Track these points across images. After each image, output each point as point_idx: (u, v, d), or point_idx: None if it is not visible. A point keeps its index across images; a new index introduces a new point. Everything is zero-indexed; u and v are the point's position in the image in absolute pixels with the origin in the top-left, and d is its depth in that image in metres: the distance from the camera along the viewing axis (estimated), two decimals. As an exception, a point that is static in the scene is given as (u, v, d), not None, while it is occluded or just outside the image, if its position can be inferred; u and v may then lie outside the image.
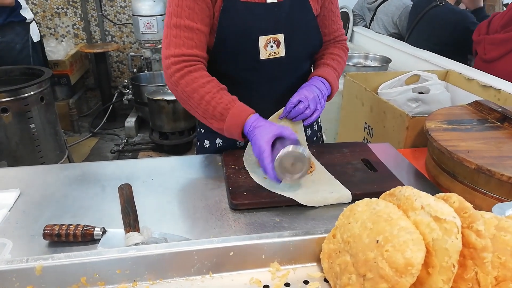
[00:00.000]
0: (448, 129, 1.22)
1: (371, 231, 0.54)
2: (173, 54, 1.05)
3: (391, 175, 1.11)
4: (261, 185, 1.03)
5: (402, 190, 0.58)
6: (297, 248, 0.69)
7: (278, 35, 1.12)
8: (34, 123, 2.40)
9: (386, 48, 2.71)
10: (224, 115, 1.04)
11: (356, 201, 0.65)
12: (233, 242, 0.67)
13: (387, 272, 0.49)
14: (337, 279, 0.60)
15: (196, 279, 0.67)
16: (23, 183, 1.08)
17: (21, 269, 0.63)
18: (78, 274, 0.64)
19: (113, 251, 0.65)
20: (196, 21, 1.05)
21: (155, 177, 1.13)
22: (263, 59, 1.12)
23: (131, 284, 0.65)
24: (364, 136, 1.91)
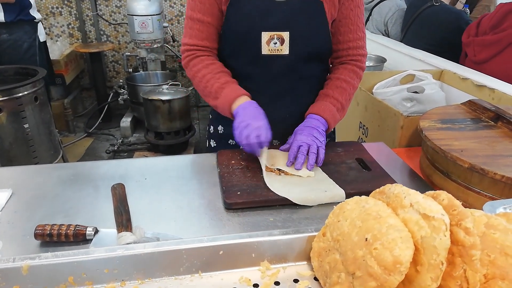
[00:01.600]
0: (442, 128, 1.22)
1: (360, 229, 0.54)
2: (187, 43, 1.18)
3: (385, 174, 1.11)
4: (255, 185, 1.02)
5: (392, 188, 0.58)
6: (287, 247, 0.68)
7: (283, 32, 1.12)
8: (28, 123, 2.39)
9: (381, 48, 2.71)
10: (218, 93, 1.12)
11: (346, 199, 0.65)
12: (223, 241, 0.67)
13: (376, 270, 0.48)
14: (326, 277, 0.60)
15: (185, 278, 0.66)
16: (15, 183, 1.07)
17: (7, 268, 0.62)
18: (65, 274, 0.64)
19: (101, 250, 0.64)
20: (206, 15, 1.13)
21: (148, 177, 1.12)
22: (265, 54, 1.13)
23: (120, 283, 0.65)
24: (359, 135, 1.92)
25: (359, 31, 1.22)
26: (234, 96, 1.11)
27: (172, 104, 3.22)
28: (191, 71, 1.19)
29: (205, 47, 1.17)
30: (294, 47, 1.14)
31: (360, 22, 1.21)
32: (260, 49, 1.13)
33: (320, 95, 1.22)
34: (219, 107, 1.14)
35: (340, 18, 1.18)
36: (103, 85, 4.03)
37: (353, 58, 1.23)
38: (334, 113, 1.18)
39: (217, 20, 1.15)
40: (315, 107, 1.18)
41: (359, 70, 1.24)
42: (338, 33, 1.20)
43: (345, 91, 1.20)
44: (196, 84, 1.19)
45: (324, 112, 1.16)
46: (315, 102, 1.21)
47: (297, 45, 1.14)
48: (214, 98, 1.14)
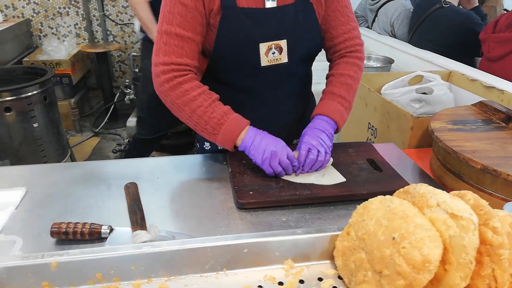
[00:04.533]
0: (453, 129, 1.22)
1: (387, 228, 0.54)
2: (162, 62, 1.02)
3: (397, 175, 1.11)
4: (267, 185, 1.03)
5: (417, 187, 0.59)
6: (310, 246, 0.69)
7: (280, 41, 1.08)
8: (37, 123, 2.41)
9: (389, 49, 2.71)
10: (217, 130, 1.04)
11: (369, 199, 0.66)
12: (247, 239, 0.68)
13: (404, 268, 0.49)
14: (352, 276, 0.61)
15: (211, 276, 0.67)
16: (29, 182, 1.08)
17: (36, 265, 0.63)
18: (93, 270, 0.64)
19: (129, 247, 0.65)
20: (187, 29, 1.02)
21: (160, 176, 1.13)
22: (264, 66, 1.10)
23: (146, 280, 0.66)
24: (367, 136, 1.92)
25: (350, 22, 1.19)
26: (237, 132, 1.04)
27: (179, 104, 3.21)
28: (174, 104, 1.04)
29: (185, 65, 1.04)
30: (292, 53, 1.11)
31: (349, 12, 1.18)
32: (259, 62, 1.09)
33: (326, 94, 1.18)
34: (219, 143, 1.07)
35: (329, 13, 1.15)
36: (110, 85, 4.04)
37: (352, 49, 1.20)
38: (343, 113, 1.16)
39: (198, 36, 1.05)
40: (323, 107, 1.14)
41: (359, 61, 1.21)
42: (331, 28, 1.17)
43: (351, 88, 1.17)
44: (182, 117, 1.07)
45: (333, 113, 1.13)
46: (322, 100, 1.18)
47: (294, 51, 1.11)
48: (212, 135, 1.05)
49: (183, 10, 1.01)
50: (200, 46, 1.07)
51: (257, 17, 1.06)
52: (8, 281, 0.63)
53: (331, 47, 1.22)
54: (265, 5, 1.05)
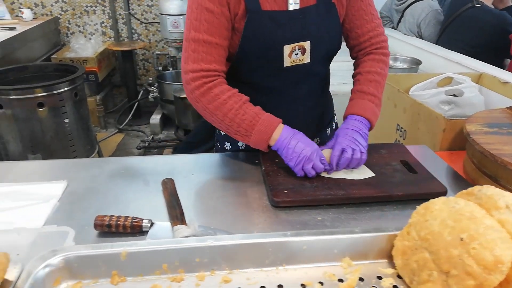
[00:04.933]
0: (489, 132, 1.21)
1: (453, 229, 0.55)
2: (191, 70, 1.04)
3: (432, 177, 1.10)
4: (301, 184, 1.03)
5: (483, 189, 0.59)
6: (368, 244, 0.70)
7: (304, 42, 1.09)
8: (68, 118, 2.46)
9: (415, 50, 2.68)
10: (249, 131, 1.05)
11: (431, 200, 0.66)
12: (306, 236, 0.69)
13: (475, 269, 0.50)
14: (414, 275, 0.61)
15: (271, 271, 0.69)
16: (69, 175, 1.10)
17: (107, 254, 0.66)
18: (159, 261, 0.67)
19: (193, 240, 0.68)
20: (214, 35, 1.04)
21: (194, 173, 1.14)
22: (287, 66, 1.11)
23: (209, 272, 0.68)
24: (396, 138, 1.90)
25: (374, 19, 1.20)
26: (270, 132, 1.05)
27: (203, 102, 3.25)
28: (205, 109, 1.07)
29: (214, 71, 1.05)
30: (314, 54, 1.12)
31: (373, 9, 1.19)
32: (282, 63, 1.10)
33: (356, 93, 1.18)
34: (252, 144, 1.08)
35: (353, 12, 1.16)
36: (134, 82, 4.11)
37: (377, 46, 1.21)
38: (375, 111, 1.16)
39: (225, 40, 1.06)
40: (355, 106, 1.15)
41: (385, 57, 1.22)
42: (356, 27, 1.18)
43: (379, 84, 1.18)
44: (214, 122, 1.09)
45: (365, 111, 1.13)
46: (352, 100, 1.18)
47: (317, 52, 1.12)
48: (245, 136, 1.07)
49: (209, 17, 1.02)
50: (227, 50, 1.09)
51: (282, 20, 1.06)
52: (80, 269, 0.66)
53: (356, 45, 1.23)
54: (288, 8, 1.07)
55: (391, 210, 0.97)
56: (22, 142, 2.41)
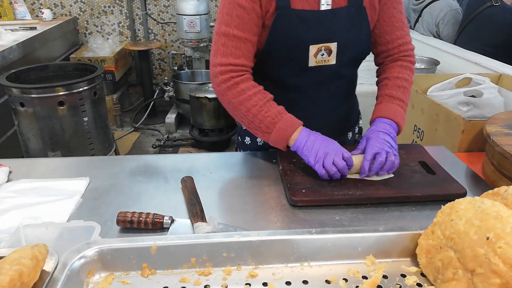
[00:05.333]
0: (509, 134, 1.20)
1: (480, 228, 0.56)
2: (220, 63, 1.07)
3: (451, 178, 1.09)
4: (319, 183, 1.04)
5: (509, 189, 0.60)
6: (392, 243, 0.71)
7: (331, 44, 1.10)
8: (87, 117, 2.51)
9: (433, 50, 2.66)
10: (270, 129, 1.06)
11: (456, 199, 0.67)
12: (331, 234, 0.71)
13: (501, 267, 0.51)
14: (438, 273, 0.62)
15: (296, 267, 0.70)
16: (91, 172, 1.13)
17: (139, 247, 0.68)
18: (188, 255, 0.69)
19: (220, 235, 0.70)
20: (244, 31, 1.05)
21: (213, 171, 1.15)
22: (311, 66, 1.12)
23: (236, 267, 0.70)
24: (413, 138, 1.89)
25: (404, 27, 1.21)
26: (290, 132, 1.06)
27: (218, 102, 3.27)
28: (230, 103, 1.09)
29: (241, 66, 1.08)
30: (341, 56, 1.12)
31: (403, 18, 1.20)
32: (307, 62, 1.11)
33: (384, 97, 1.18)
34: (272, 142, 1.09)
35: (384, 18, 1.17)
36: (150, 82, 4.16)
37: (406, 54, 1.21)
38: (403, 116, 1.16)
39: (254, 36, 1.08)
40: (384, 110, 1.15)
41: (412, 65, 1.23)
42: (385, 33, 1.18)
43: (406, 91, 1.19)
44: (236, 116, 1.12)
45: (395, 115, 1.13)
46: (380, 104, 1.18)
47: (343, 54, 1.12)
48: (265, 133, 1.08)
49: (241, 12, 1.04)
50: (255, 46, 1.10)
51: (310, 19, 1.07)
52: (112, 261, 0.68)
53: (384, 52, 1.22)
54: (320, 8, 1.07)
55: (410, 211, 0.97)
56: (42, 140, 2.47)
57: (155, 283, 0.67)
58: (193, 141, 3.60)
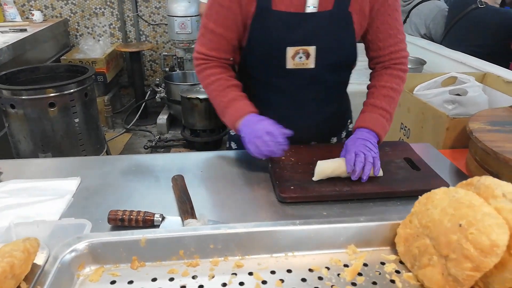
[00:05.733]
0: (492, 130, 1.23)
1: (453, 216, 0.59)
2: (196, 50, 1.19)
3: (435, 174, 1.12)
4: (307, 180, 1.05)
5: (481, 179, 0.63)
6: (372, 233, 0.74)
7: (309, 47, 1.10)
8: (78, 118, 2.51)
9: (419, 50, 2.70)
10: (224, 113, 1.14)
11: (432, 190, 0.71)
12: (314, 225, 0.74)
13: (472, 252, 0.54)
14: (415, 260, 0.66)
15: (281, 257, 0.73)
16: (82, 172, 1.14)
17: (128, 241, 0.71)
18: (176, 247, 0.71)
19: (208, 228, 0.72)
20: (220, 26, 1.11)
21: (203, 170, 1.17)
22: (290, 68, 1.13)
23: (223, 258, 0.72)
24: (400, 136, 1.93)
25: (399, 34, 1.18)
26: (239, 116, 1.10)
27: (209, 103, 3.29)
28: (202, 83, 1.21)
29: (214, 57, 1.16)
30: (320, 60, 1.12)
31: (399, 24, 1.18)
32: (284, 64, 1.12)
33: (368, 106, 1.19)
34: (226, 124, 1.17)
35: (378, 25, 1.15)
36: (141, 83, 4.16)
37: (397, 61, 1.19)
38: (384, 125, 1.16)
39: (231, 33, 1.13)
40: (365, 120, 1.15)
41: (403, 73, 1.20)
42: (378, 40, 1.17)
43: (393, 100, 1.18)
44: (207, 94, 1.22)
45: (375, 126, 1.13)
46: (363, 113, 1.18)
47: (323, 58, 1.12)
48: (222, 116, 1.16)
49: (219, 9, 1.10)
50: (233, 42, 1.15)
51: (290, 21, 1.08)
52: (103, 254, 0.70)
53: (375, 58, 1.22)
54: (305, 10, 1.08)
55: (395, 206, 1.00)
56: (33, 141, 2.46)
57: (144, 274, 0.69)
58: (184, 141, 3.61)
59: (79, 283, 0.67)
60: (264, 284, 0.68)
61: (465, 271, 0.56)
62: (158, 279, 0.68)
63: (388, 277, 0.69)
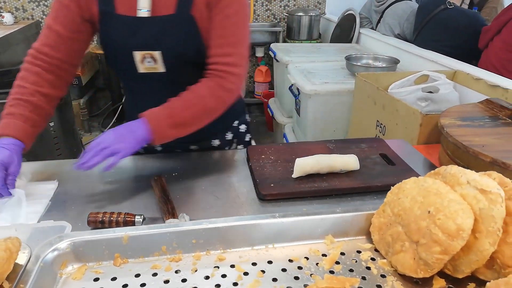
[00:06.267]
0: (462, 125, 1.28)
1: (422, 204, 0.63)
2: (32, 46, 1.10)
3: (409, 168, 1.16)
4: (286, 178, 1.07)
5: (447, 168, 0.67)
6: (348, 223, 0.78)
7: (153, 52, 1.07)
8: (53, 122, 2.47)
9: (393, 50, 2.78)
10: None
11: (403, 180, 0.75)
12: (293, 217, 0.76)
13: (440, 237, 0.58)
14: (388, 247, 0.69)
15: (261, 249, 0.76)
16: (59, 176, 1.13)
17: (110, 238, 0.71)
18: (159, 243, 0.72)
19: (189, 223, 0.74)
20: (58, 24, 1.07)
21: (183, 171, 1.16)
22: (141, 72, 1.11)
23: (205, 252, 0.74)
24: (376, 133, 1.98)
25: (228, 46, 1.06)
26: None
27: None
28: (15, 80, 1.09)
29: (45, 54, 1.07)
30: (170, 64, 1.10)
31: (233, 36, 1.06)
32: (135, 68, 1.10)
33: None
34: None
35: (211, 29, 1.06)
36: (117, 85, 4.10)
37: (217, 74, 1.07)
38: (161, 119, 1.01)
39: (69, 33, 1.07)
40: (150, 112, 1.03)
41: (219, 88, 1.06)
42: (208, 47, 1.08)
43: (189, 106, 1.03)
44: None
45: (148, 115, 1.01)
46: None
47: (172, 62, 1.10)
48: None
49: (57, 6, 1.07)
50: (68, 41, 1.08)
51: (132, 26, 1.06)
52: (85, 252, 0.71)
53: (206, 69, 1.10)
54: (137, 14, 1.06)
55: (371, 200, 1.03)
56: (6, 146, 2.40)
57: (127, 271, 0.69)
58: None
59: (62, 281, 0.67)
60: (246, 276, 0.69)
61: (435, 254, 0.60)
62: (141, 275, 0.69)
63: (364, 264, 0.72)
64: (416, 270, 0.64)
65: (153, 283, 0.67)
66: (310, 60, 2.80)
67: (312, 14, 3.99)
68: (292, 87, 2.60)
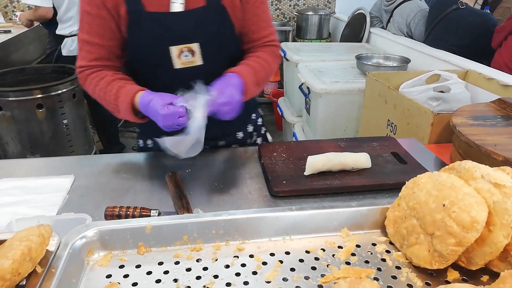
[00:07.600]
0: (474, 124, 1.28)
1: (437, 197, 0.65)
2: (78, 65, 1.14)
3: (421, 167, 1.17)
4: (298, 175, 1.09)
5: (462, 163, 0.69)
6: (363, 217, 0.80)
7: (191, 44, 1.10)
8: (67, 119, 2.51)
9: (404, 49, 2.78)
10: (116, 105, 1.07)
11: (418, 175, 0.77)
12: (309, 210, 0.79)
13: (455, 229, 0.60)
14: (403, 240, 0.71)
15: (279, 240, 0.78)
16: (76, 171, 1.15)
17: (134, 227, 0.74)
18: (180, 233, 0.75)
19: (210, 215, 0.77)
20: (94, 35, 1.09)
21: (197, 167, 1.18)
22: (178, 68, 1.12)
23: (224, 243, 0.76)
24: (387, 133, 1.98)
25: (269, 27, 1.23)
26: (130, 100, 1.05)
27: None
28: (88, 90, 1.14)
29: (95, 67, 1.12)
30: (207, 56, 1.12)
31: (268, 17, 1.22)
32: (172, 64, 1.11)
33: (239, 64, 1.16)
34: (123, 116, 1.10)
35: (249, 17, 1.16)
36: (129, 83, 4.14)
37: (269, 47, 1.22)
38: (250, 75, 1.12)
39: (108, 41, 1.10)
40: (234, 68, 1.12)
41: (275, 55, 1.23)
42: (251, 32, 1.19)
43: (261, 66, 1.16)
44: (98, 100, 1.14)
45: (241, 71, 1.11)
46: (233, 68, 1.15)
47: (209, 54, 1.12)
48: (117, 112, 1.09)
49: (88, 18, 1.08)
50: (112, 49, 1.12)
51: (166, 21, 1.07)
52: (110, 241, 0.74)
53: (250, 48, 1.23)
54: (170, 9, 1.07)
55: (383, 198, 1.04)
56: (21, 143, 2.45)
57: (151, 259, 0.72)
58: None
59: (89, 267, 0.70)
60: (265, 265, 0.72)
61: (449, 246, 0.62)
62: (164, 263, 0.72)
63: (379, 256, 0.74)
64: (431, 262, 0.66)
65: (176, 270, 0.70)
66: (320, 59, 2.82)
67: (322, 13, 4.00)
68: (302, 86, 2.61)
